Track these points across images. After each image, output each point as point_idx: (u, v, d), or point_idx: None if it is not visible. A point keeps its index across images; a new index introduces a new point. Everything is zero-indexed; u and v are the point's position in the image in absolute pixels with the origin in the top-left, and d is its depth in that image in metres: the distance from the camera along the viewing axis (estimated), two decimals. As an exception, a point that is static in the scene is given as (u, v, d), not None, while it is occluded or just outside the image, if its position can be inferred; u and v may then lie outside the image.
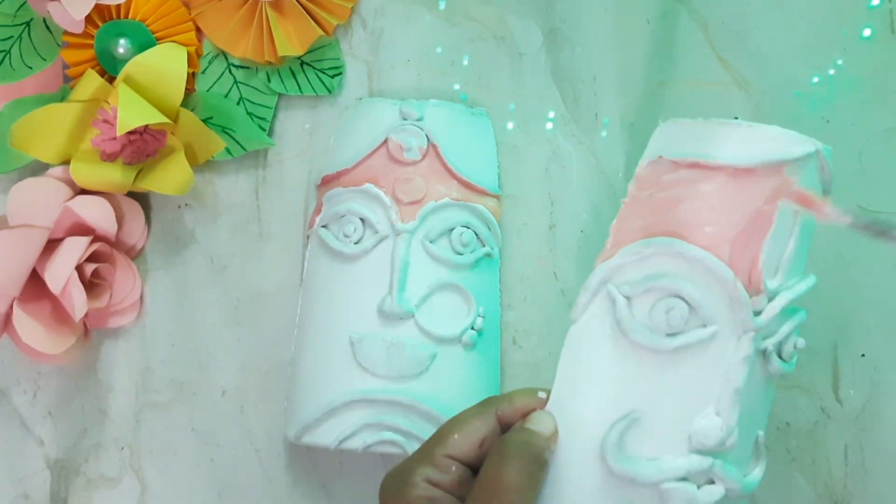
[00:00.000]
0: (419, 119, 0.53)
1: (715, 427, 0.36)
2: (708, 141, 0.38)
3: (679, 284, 0.37)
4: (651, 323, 0.37)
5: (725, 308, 0.37)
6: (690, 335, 0.36)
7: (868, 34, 0.53)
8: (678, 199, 0.38)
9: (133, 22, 0.56)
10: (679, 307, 0.36)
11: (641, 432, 0.36)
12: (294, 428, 0.52)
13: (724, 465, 0.36)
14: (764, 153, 0.37)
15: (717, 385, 0.36)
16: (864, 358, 0.53)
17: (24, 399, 0.60)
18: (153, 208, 0.59)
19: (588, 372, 0.38)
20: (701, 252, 0.37)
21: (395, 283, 0.51)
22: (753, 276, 0.37)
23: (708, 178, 0.38)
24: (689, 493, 0.36)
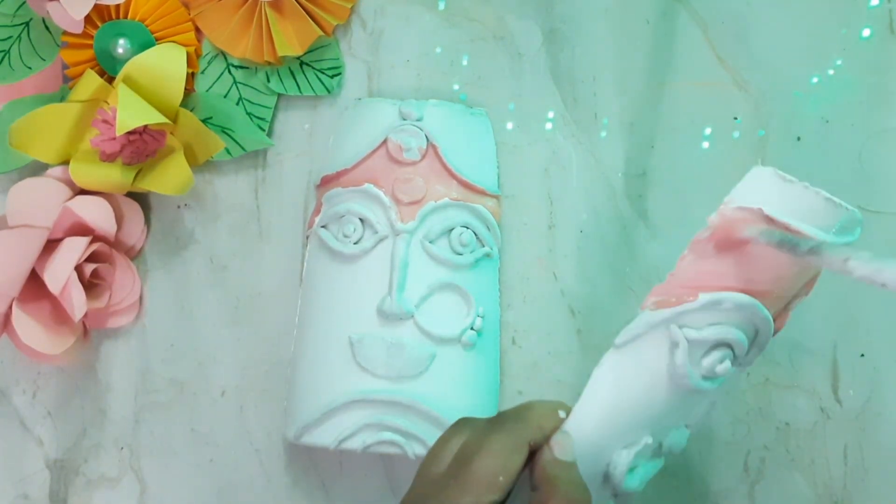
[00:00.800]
0: (419, 119, 0.53)
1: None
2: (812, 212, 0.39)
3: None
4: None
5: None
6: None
7: (867, 34, 0.53)
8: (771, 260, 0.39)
9: (132, 22, 0.56)
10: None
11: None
12: (294, 428, 0.52)
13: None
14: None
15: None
16: (863, 358, 0.53)
17: (23, 399, 0.60)
18: (153, 208, 0.59)
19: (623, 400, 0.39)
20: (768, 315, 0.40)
21: (394, 284, 0.51)
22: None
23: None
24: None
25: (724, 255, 0.39)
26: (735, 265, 0.39)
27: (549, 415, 0.39)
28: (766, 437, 0.54)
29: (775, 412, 0.54)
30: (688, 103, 0.55)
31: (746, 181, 0.40)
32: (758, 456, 0.54)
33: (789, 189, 0.39)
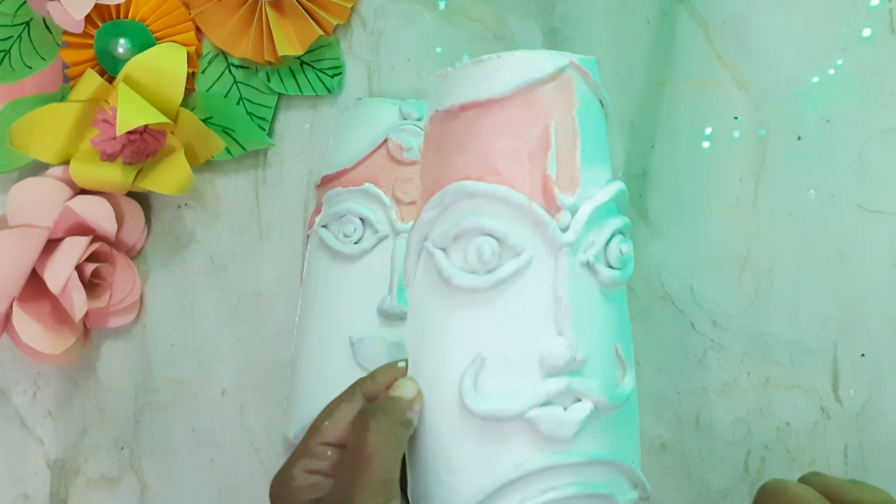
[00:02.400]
0: (419, 119, 0.53)
1: (560, 346, 0.36)
2: (471, 82, 0.38)
3: (481, 222, 0.37)
4: (468, 266, 0.37)
5: (532, 233, 0.37)
6: (506, 267, 0.37)
7: (868, 34, 0.53)
8: (460, 144, 0.38)
9: (133, 22, 0.56)
10: (488, 243, 0.37)
11: (494, 371, 0.37)
12: (294, 428, 0.52)
13: (582, 381, 0.36)
14: (518, 77, 0.37)
15: (549, 307, 0.37)
16: (863, 358, 0.53)
17: (24, 399, 0.60)
18: (153, 208, 0.59)
19: (430, 330, 0.39)
20: (489, 186, 0.37)
21: (395, 283, 0.51)
22: (547, 195, 0.37)
23: (479, 117, 0.38)
24: (556, 415, 0.36)
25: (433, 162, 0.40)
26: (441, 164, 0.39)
27: (386, 366, 0.40)
28: (766, 437, 0.54)
29: (775, 412, 0.54)
30: (688, 103, 0.55)
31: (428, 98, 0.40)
32: (758, 456, 0.54)
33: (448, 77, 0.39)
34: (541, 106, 0.38)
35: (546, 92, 0.38)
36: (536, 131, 0.38)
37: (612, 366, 0.38)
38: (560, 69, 0.38)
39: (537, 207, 0.37)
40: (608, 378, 0.38)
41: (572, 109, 0.38)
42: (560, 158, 0.37)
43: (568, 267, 0.37)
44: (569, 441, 0.36)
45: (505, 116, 0.38)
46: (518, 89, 0.37)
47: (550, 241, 0.37)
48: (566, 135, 0.38)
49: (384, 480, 0.35)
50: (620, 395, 0.38)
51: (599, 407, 0.37)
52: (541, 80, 0.38)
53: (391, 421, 0.36)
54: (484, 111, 0.38)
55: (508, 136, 0.38)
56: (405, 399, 0.37)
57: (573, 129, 0.38)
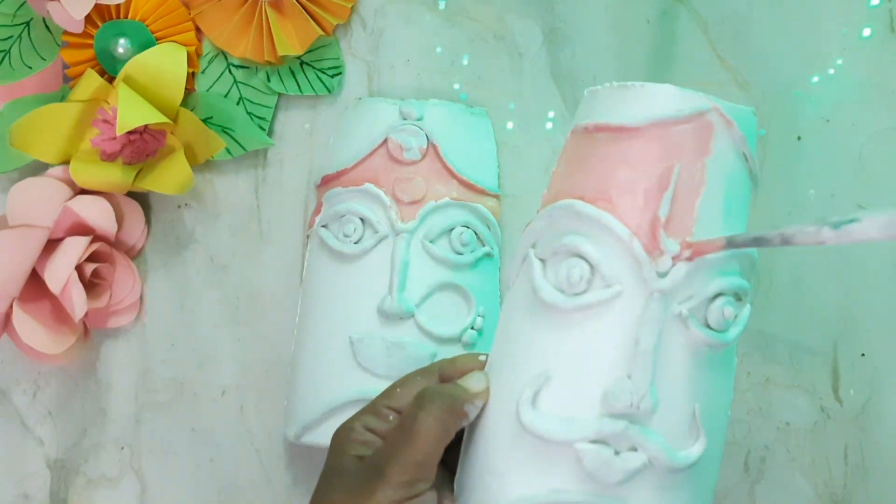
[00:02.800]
0: (419, 119, 0.53)
1: (624, 389, 0.35)
2: (611, 105, 0.38)
3: (579, 244, 0.36)
4: (557, 283, 0.37)
5: (628, 268, 0.36)
6: (593, 294, 0.36)
7: (868, 34, 0.53)
8: (585, 163, 0.38)
9: (133, 22, 0.56)
10: (580, 266, 0.36)
11: (556, 393, 0.36)
12: (294, 428, 0.52)
13: (643, 432, 0.35)
14: (653, 111, 0.37)
15: (627, 347, 0.36)
16: (863, 358, 0.53)
17: (24, 399, 0.60)
18: (153, 208, 0.59)
19: (511, 334, 0.39)
20: (596, 211, 0.37)
21: (394, 283, 0.51)
22: (654, 235, 0.36)
23: (609, 141, 0.37)
24: (604, 456, 0.35)
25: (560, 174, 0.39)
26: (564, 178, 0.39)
27: (468, 355, 0.41)
28: (766, 437, 0.54)
29: (775, 412, 0.54)
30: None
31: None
32: (758, 456, 0.54)
33: (596, 94, 0.39)
34: (669, 145, 0.37)
35: (678, 132, 0.37)
36: (658, 169, 0.36)
37: (683, 427, 0.36)
38: (699, 112, 0.37)
39: (637, 244, 0.36)
40: (675, 438, 0.36)
41: (703, 156, 0.37)
42: (677, 203, 0.36)
43: (656, 313, 0.36)
44: (613, 486, 0.35)
45: (632, 147, 0.37)
46: (650, 123, 0.37)
47: (644, 283, 0.36)
48: (690, 180, 0.36)
49: (419, 461, 0.36)
50: (682, 459, 0.36)
51: (655, 463, 0.35)
52: (675, 118, 0.37)
53: (444, 407, 0.37)
54: (614, 137, 0.37)
55: (629, 168, 0.37)
56: (469, 391, 0.38)
57: (699, 177, 0.37)
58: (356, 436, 0.39)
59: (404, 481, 0.36)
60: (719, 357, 0.38)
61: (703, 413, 0.37)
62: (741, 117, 0.38)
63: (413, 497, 0.36)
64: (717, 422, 0.38)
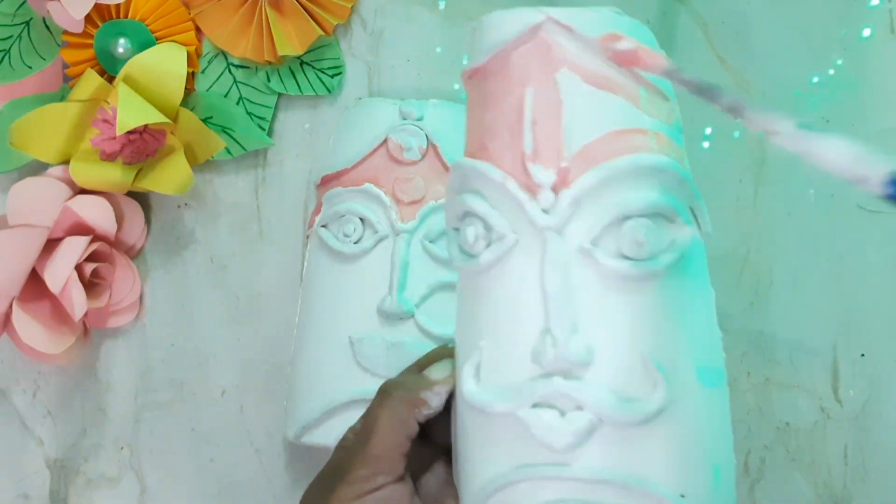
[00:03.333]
0: (419, 119, 0.53)
1: (545, 343, 0.32)
2: (472, 47, 0.35)
3: (467, 201, 0.34)
4: (463, 247, 0.34)
5: (514, 214, 0.33)
6: (490, 251, 0.33)
7: (868, 34, 0.53)
8: (468, 115, 0.36)
9: (133, 22, 0.56)
10: (474, 224, 0.34)
11: (491, 361, 0.33)
12: (294, 428, 0.52)
13: (579, 386, 0.31)
14: (492, 41, 0.34)
15: (537, 298, 0.32)
16: (863, 358, 0.53)
17: (23, 399, 0.60)
18: (153, 208, 0.59)
19: (456, 312, 0.37)
20: (472, 162, 0.34)
21: (394, 283, 0.51)
22: (525, 171, 0.33)
23: (474, 86, 0.35)
24: (546, 420, 0.32)
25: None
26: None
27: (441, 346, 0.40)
28: (766, 437, 0.54)
29: (775, 412, 0.54)
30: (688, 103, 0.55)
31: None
32: (758, 456, 0.54)
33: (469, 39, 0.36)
34: (515, 71, 0.33)
35: (519, 55, 0.33)
36: (512, 101, 0.33)
37: (632, 375, 0.32)
38: (531, 27, 0.33)
39: (512, 184, 0.33)
40: (624, 389, 0.32)
41: (553, 72, 0.33)
42: (539, 130, 0.33)
43: (556, 254, 0.32)
44: (567, 451, 0.32)
45: (487, 85, 0.34)
46: (492, 55, 0.33)
47: (532, 225, 0.32)
48: (546, 102, 0.33)
49: (376, 454, 0.36)
50: (636, 412, 0.32)
51: (605, 419, 0.32)
52: (511, 41, 0.33)
53: (400, 398, 0.36)
54: (476, 81, 0.35)
55: (489, 108, 0.34)
56: (428, 379, 0.37)
57: (555, 96, 0.33)
58: (343, 441, 0.38)
59: (363, 475, 0.35)
60: (661, 289, 0.33)
61: (659, 356, 0.32)
62: (581, 19, 0.33)
63: (373, 490, 0.35)
64: (689, 363, 0.33)
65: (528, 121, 0.33)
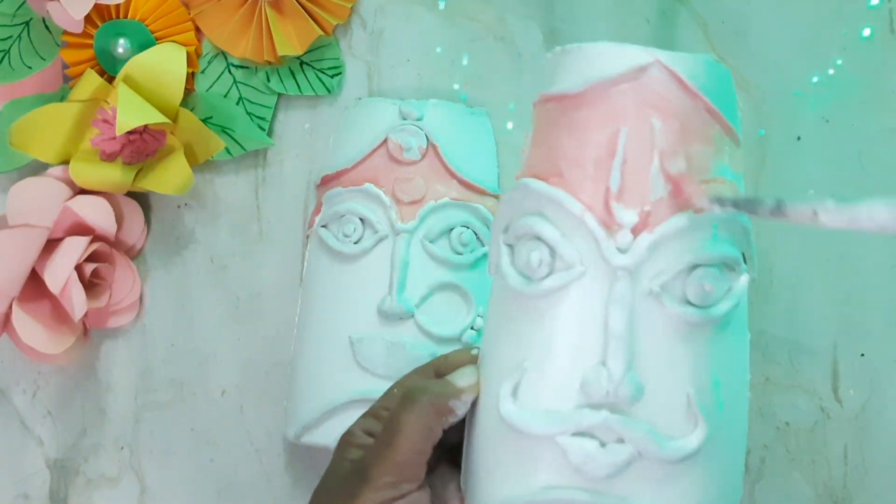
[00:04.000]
0: (419, 119, 0.53)
1: (599, 377, 0.32)
2: (554, 73, 0.35)
3: (535, 225, 0.34)
4: (521, 268, 0.35)
5: (587, 246, 0.33)
6: (555, 278, 0.34)
7: (868, 34, 0.53)
8: (539, 138, 0.36)
9: (132, 22, 0.56)
10: (539, 249, 0.34)
11: (534, 383, 0.34)
12: (294, 428, 0.52)
13: (625, 421, 0.33)
14: (592, 73, 0.34)
15: (597, 332, 0.33)
16: (863, 358, 0.53)
17: (23, 399, 0.60)
18: (153, 208, 0.59)
19: (493, 325, 0.37)
20: (547, 188, 0.34)
21: (394, 283, 0.51)
22: (607, 208, 0.33)
23: (556, 112, 0.35)
24: (588, 450, 0.33)
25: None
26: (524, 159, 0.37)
27: (462, 350, 0.40)
28: (766, 437, 0.54)
29: (775, 412, 0.54)
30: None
31: None
32: (758, 456, 0.54)
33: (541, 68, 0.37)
34: (612, 107, 0.33)
35: (620, 92, 0.33)
36: (605, 136, 0.33)
37: (677, 414, 0.33)
38: (638, 67, 0.33)
39: (591, 219, 0.33)
40: (668, 427, 0.33)
41: (651, 116, 0.33)
42: (628, 169, 0.33)
43: (624, 292, 0.33)
44: (604, 481, 0.33)
45: (576, 115, 0.34)
46: (589, 86, 0.34)
47: (604, 261, 0.33)
48: (640, 143, 0.33)
49: (402, 461, 0.36)
50: (677, 449, 0.33)
51: (645, 455, 0.33)
52: (614, 77, 0.33)
53: (426, 406, 0.36)
54: (560, 107, 0.35)
55: (575, 138, 0.34)
56: (454, 387, 0.37)
57: (650, 139, 0.33)
58: (354, 439, 0.38)
59: (388, 482, 0.35)
60: (713, 335, 0.34)
61: (702, 398, 0.34)
62: (690, 67, 0.34)
63: (398, 498, 0.35)
64: (725, 406, 0.34)
65: (618, 159, 0.33)
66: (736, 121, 0.36)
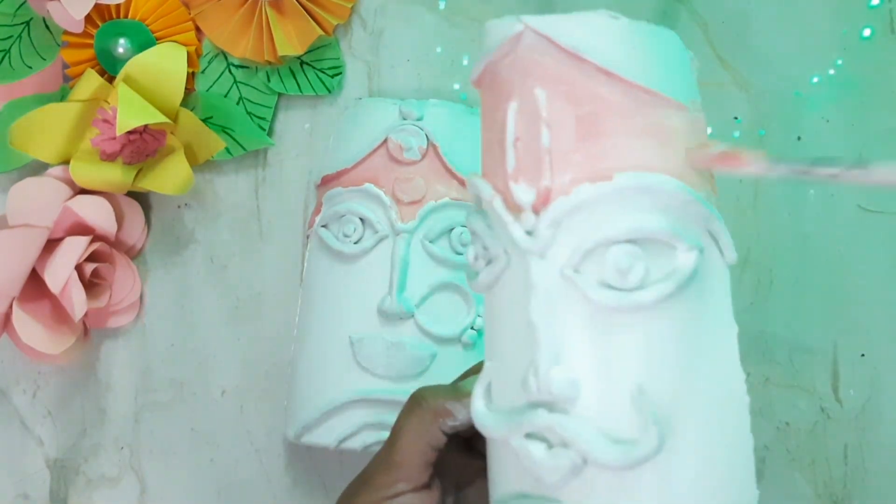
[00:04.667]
0: (419, 119, 0.53)
1: (529, 373, 0.30)
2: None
3: (471, 219, 0.33)
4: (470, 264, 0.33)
5: (504, 236, 0.31)
6: (487, 272, 0.32)
7: (868, 34, 0.53)
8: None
9: (133, 22, 0.56)
10: (475, 243, 0.32)
11: (497, 386, 0.32)
12: (294, 428, 0.52)
13: (565, 421, 0.29)
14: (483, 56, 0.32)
15: (522, 326, 0.30)
16: (863, 358, 0.53)
17: (23, 399, 0.60)
18: (153, 208, 0.59)
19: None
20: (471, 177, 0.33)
21: (394, 283, 0.51)
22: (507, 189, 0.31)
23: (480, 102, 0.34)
24: (535, 454, 0.30)
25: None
26: None
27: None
28: (766, 437, 0.54)
29: (775, 412, 0.54)
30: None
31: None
32: (758, 456, 0.53)
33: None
34: (501, 85, 0.31)
35: (504, 68, 0.31)
36: (500, 115, 0.31)
37: (621, 414, 0.29)
38: (511, 38, 0.30)
39: (499, 204, 0.31)
40: (614, 428, 0.29)
41: (534, 85, 0.30)
42: (522, 147, 0.30)
43: (539, 279, 0.30)
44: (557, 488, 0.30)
45: (483, 99, 0.33)
46: (481, 71, 0.32)
47: (517, 248, 0.30)
48: (528, 117, 0.30)
49: (398, 462, 0.36)
50: (624, 454, 0.29)
51: (588, 460, 0.29)
52: (495, 54, 0.31)
53: (426, 407, 0.36)
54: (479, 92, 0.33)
55: (484, 122, 0.33)
56: (459, 390, 0.36)
57: (536, 110, 0.30)
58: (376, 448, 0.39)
59: (383, 482, 0.36)
60: (660, 322, 0.30)
61: (654, 394, 0.29)
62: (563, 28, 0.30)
63: (391, 497, 0.35)
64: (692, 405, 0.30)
65: (510, 136, 0.31)
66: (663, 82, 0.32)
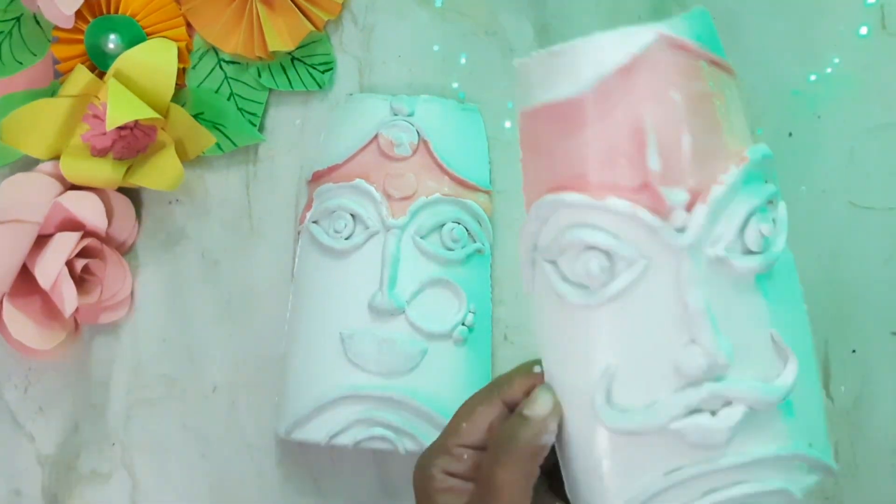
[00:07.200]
0: (410, 114, 0.53)
1: (695, 356, 0.33)
2: (549, 78, 0.35)
3: (582, 236, 0.34)
4: (579, 281, 0.35)
5: (645, 238, 0.33)
6: (621, 279, 0.34)
7: (865, 32, 0.53)
8: (550, 149, 0.35)
9: (123, 17, 0.56)
10: (595, 258, 0.34)
11: (626, 383, 0.34)
12: (285, 423, 0.52)
13: (729, 385, 0.33)
14: (596, 70, 0.33)
15: (678, 314, 0.33)
16: (854, 354, 0.53)
17: (15, 395, 0.60)
18: (144, 204, 0.59)
19: (556, 340, 0.37)
20: (581, 198, 0.34)
21: (385, 279, 0.51)
22: (655, 196, 0.33)
23: (561, 118, 0.34)
24: (703, 425, 0.33)
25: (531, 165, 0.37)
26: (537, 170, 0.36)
27: (522, 370, 0.39)
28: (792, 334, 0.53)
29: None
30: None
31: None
32: (749, 452, 0.54)
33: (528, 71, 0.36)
34: (628, 97, 0.33)
35: (632, 79, 0.33)
36: (627, 128, 0.33)
37: (767, 358, 0.34)
38: (644, 48, 0.33)
39: (643, 213, 0.33)
40: (764, 373, 0.34)
41: (668, 91, 0.33)
42: (663, 150, 0.33)
43: (693, 270, 0.33)
44: (723, 447, 0.33)
45: (590, 117, 0.33)
46: (597, 84, 0.33)
47: (667, 246, 0.33)
48: (666, 122, 0.33)
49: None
50: (780, 389, 0.34)
51: (756, 407, 0.33)
52: (621, 67, 0.33)
53: (521, 454, 0.36)
54: (566, 113, 0.34)
55: (598, 140, 0.33)
56: (538, 420, 0.36)
57: (673, 115, 0.33)
58: (438, 484, 0.37)
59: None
60: (777, 271, 0.35)
61: (784, 333, 0.35)
62: (692, 29, 0.34)
63: None
64: (801, 332, 0.36)
65: (652, 145, 0.33)
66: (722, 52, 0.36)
